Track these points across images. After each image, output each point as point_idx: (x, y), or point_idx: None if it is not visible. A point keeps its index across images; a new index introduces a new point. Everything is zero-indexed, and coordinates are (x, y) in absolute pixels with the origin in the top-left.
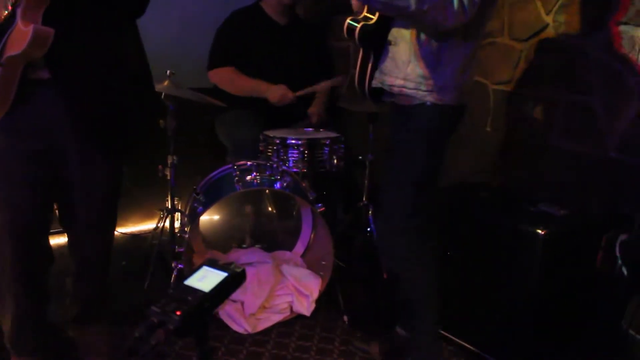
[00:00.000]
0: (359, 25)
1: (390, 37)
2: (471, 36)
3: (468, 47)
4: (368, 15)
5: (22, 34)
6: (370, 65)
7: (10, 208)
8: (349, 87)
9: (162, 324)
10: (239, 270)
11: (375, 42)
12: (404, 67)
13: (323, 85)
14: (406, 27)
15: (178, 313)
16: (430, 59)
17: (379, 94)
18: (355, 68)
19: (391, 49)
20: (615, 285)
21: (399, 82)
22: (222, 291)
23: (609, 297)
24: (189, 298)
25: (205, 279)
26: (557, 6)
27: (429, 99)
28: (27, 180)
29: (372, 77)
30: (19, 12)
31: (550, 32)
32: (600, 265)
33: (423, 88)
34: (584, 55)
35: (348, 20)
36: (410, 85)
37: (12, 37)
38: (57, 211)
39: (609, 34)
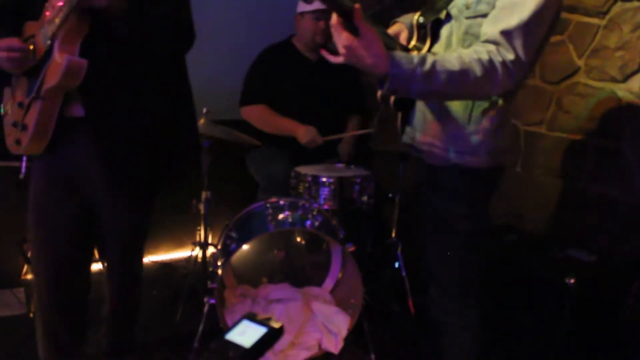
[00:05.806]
0: None
1: None
2: (505, 100)
3: (502, 110)
4: None
5: (57, 66)
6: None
7: (47, 248)
8: (379, 127)
9: None
10: (277, 326)
11: (411, 105)
12: (435, 124)
13: (351, 133)
14: None
15: None
16: (461, 120)
17: None
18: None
19: (424, 104)
20: None
21: (428, 139)
22: (261, 346)
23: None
24: (231, 354)
25: (245, 334)
26: (589, 50)
27: (459, 161)
28: (61, 222)
29: None
30: (56, 44)
31: (581, 76)
32: (630, 312)
33: (452, 149)
34: (615, 100)
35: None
36: (440, 144)
37: (50, 70)
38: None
39: None
